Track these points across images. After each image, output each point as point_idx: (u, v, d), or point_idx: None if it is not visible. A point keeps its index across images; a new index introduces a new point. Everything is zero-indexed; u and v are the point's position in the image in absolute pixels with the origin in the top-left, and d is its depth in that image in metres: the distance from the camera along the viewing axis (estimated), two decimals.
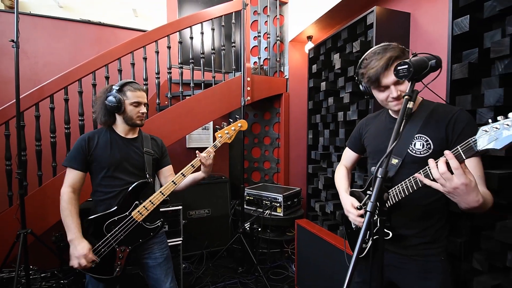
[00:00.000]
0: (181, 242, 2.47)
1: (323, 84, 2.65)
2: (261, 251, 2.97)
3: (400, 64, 0.85)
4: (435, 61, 0.82)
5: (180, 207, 2.49)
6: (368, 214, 0.69)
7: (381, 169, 0.74)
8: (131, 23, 3.37)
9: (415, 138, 1.05)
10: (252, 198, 2.96)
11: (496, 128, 0.69)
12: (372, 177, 0.83)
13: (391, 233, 1.07)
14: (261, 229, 2.73)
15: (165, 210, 2.43)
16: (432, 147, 1.01)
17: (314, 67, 2.84)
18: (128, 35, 2.88)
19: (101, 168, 1.42)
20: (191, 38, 2.78)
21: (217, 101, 2.80)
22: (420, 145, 1.03)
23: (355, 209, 1.13)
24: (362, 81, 1.13)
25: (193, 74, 2.82)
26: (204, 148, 1.54)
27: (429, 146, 1.02)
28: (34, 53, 2.87)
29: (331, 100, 2.54)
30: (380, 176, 0.73)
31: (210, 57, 2.92)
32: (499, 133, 0.68)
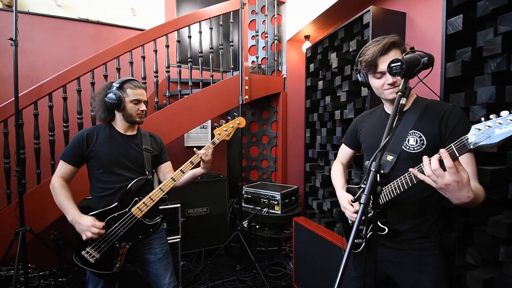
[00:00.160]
0: (179, 239, 2.48)
1: (320, 83, 2.67)
2: (259, 249, 2.99)
3: (393, 61, 0.87)
4: (427, 58, 0.85)
5: (178, 205, 2.51)
6: (361, 206, 0.71)
7: (374, 163, 0.76)
8: (130, 22, 3.37)
9: (409, 134, 1.07)
10: (250, 196, 2.98)
11: (489, 126, 0.71)
12: (366, 171, 0.85)
13: (386, 228, 1.09)
14: (259, 227, 2.74)
15: (163, 208, 2.45)
16: (426, 143, 1.03)
17: (311, 66, 2.86)
18: (126, 34, 2.89)
19: (101, 165, 1.43)
20: (190, 37, 2.79)
21: (215, 100, 2.81)
22: (414, 141, 1.05)
23: (351, 205, 1.15)
24: (360, 69, 1.15)
25: (192, 73, 2.83)
26: (202, 147, 1.55)
27: (422, 142, 1.04)
28: (32, 51, 2.87)
29: (328, 98, 2.57)
30: (373, 170, 0.75)
31: (208, 56, 2.93)
32: (491, 131, 0.70)
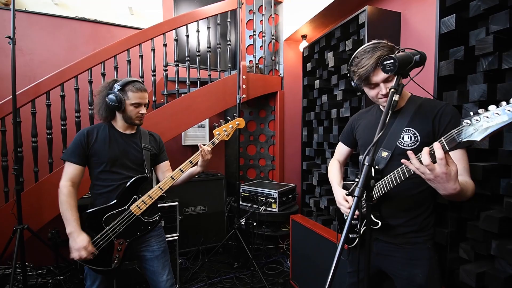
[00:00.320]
0: (177, 237, 2.49)
1: (317, 82, 2.70)
2: (256, 247, 3.01)
3: (386, 59, 0.89)
4: (419, 56, 0.87)
5: (176, 203, 2.52)
6: (355, 199, 0.73)
7: (368, 157, 0.78)
8: (127, 21, 3.37)
9: (403, 132, 1.10)
10: (248, 194, 3.00)
11: (477, 120, 0.73)
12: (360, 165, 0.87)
13: (380, 222, 1.12)
14: (256, 224, 2.76)
15: (161, 206, 2.46)
16: (419, 140, 1.06)
17: (308, 65, 2.89)
18: (123, 33, 2.89)
19: (100, 163, 1.44)
20: (187, 36, 2.80)
21: (213, 99, 2.83)
22: (408, 138, 1.08)
23: (347, 200, 1.18)
24: (353, 78, 1.17)
25: (189, 72, 2.84)
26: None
27: (416, 138, 1.06)
28: (29, 50, 2.87)
29: (324, 97, 2.59)
30: (367, 164, 0.77)
31: (206, 55, 2.95)
32: (479, 125, 0.73)
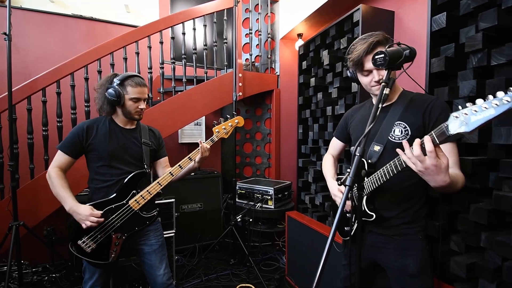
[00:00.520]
0: (174, 234, 2.51)
1: (312, 80, 2.73)
2: (252, 244, 3.03)
3: (377, 53, 0.92)
4: (409, 51, 0.90)
5: (173, 199, 2.53)
6: (346, 188, 0.76)
7: (359, 148, 0.81)
8: (123, 19, 3.38)
9: (395, 125, 1.13)
10: (244, 191, 3.02)
11: (465, 114, 0.76)
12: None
13: (374, 214, 1.14)
14: (252, 220, 2.78)
15: (158, 203, 2.46)
16: (410, 133, 1.09)
17: (304, 63, 2.91)
18: (119, 31, 2.89)
19: (100, 157, 1.45)
20: (184, 34, 2.81)
21: (209, 96, 2.84)
22: (399, 132, 1.11)
23: (341, 192, 1.21)
24: (349, 66, 1.20)
25: (186, 69, 2.85)
26: (196, 144, 1.58)
27: (407, 132, 1.09)
28: (25, 47, 2.86)
29: (320, 95, 2.62)
30: (358, 155, 0.80)
31: (202, 53, 2.96)
32: (468, 118, 0.75)
